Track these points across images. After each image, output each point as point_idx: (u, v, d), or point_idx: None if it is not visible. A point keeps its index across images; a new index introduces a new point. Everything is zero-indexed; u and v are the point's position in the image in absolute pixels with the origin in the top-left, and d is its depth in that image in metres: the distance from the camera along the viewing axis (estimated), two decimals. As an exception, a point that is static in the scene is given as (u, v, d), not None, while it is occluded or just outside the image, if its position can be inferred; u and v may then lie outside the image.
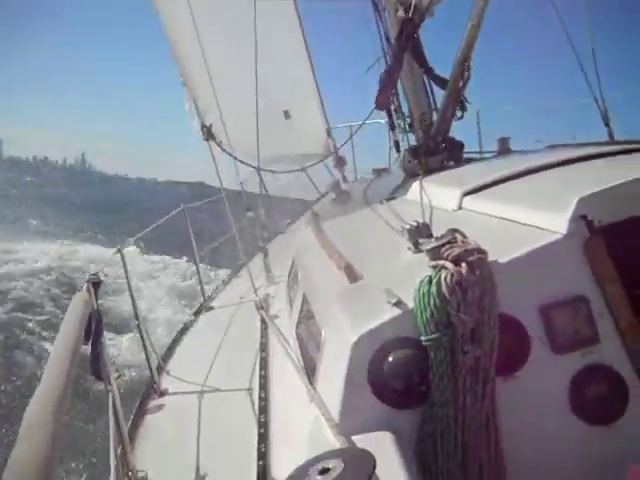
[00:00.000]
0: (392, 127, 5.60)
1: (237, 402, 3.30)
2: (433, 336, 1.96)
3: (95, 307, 2.63)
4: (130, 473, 2.75)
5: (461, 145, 5.10)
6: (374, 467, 1.35)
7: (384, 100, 4.62)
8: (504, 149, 6.23)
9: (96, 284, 2.74)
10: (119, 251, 4.05)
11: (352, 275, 2.64)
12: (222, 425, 3.17)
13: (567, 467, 2.09)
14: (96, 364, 2.42)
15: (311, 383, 2.40)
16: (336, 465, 1.37)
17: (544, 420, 2.10)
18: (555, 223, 2.24)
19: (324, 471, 1.37)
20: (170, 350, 4.87)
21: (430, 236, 2.45)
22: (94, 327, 2.50)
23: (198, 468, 2.87)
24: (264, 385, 3.22)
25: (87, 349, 2.36)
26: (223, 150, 6.42)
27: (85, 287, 2.69)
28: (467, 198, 3.14)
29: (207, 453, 2.97)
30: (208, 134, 6.43)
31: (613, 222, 2.22)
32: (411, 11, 4.36)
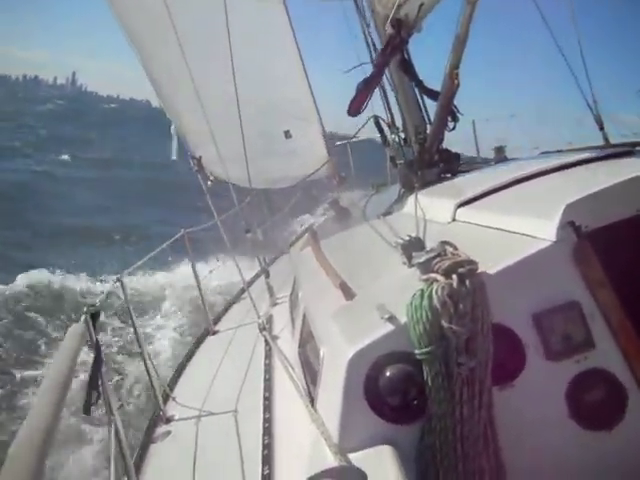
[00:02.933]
0: (385, 143, 5.61)
1: (242, 425, 3.31)
2: (427, 349, 1.96)
3: (94, 338, 2.64)
4: None
5: (457, 156, 5.12)
6: None
7: (357, 107, 4.64)
8: (500, 158, 6.25)
9: (94, 315, 2.74)
10: (119, 280, 4.07)
11: (348, 292, 2.65)
12: (227, 449, 3.17)
13: (568, 473, 2.09)
14: (90, 398, 2.40)
15: (312, 403, 2.41)
16: None
17: (543, 427, 2.10)
18: (544, 230, 2.26)
19: None
20: (176, 376, 4.87)
21: (423, 250, 2.46)
22: (93, 359, 2.51)
23: None
24: (268, 407, 3.22)
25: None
26: (212, 182, 6.41)
27: (83, 319, 2.69)
28: (460, 210, 3.16)
29: (213, 478, 2.97)
30: (198, 166, 6.43)
31: (600, 226, 2.23)
32: (387, 24, 4.39)
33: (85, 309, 2.77)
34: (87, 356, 2.67)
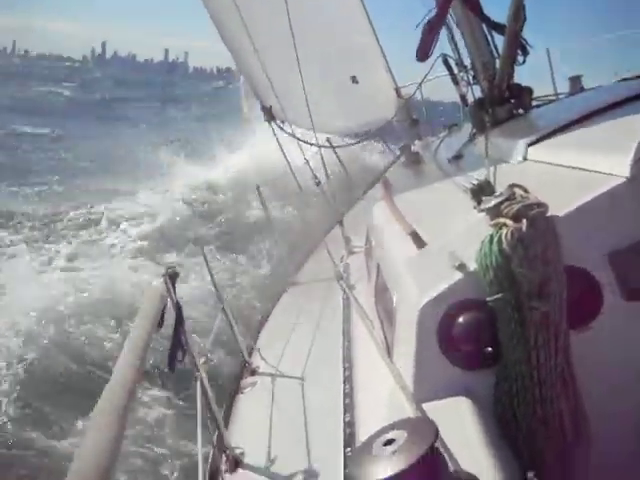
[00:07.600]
0: (455, 81, 5.45)
1: (323, 374, 3.38)
2: (498, 295, 1.94)
3: (174, 298, 2.74)
4: (227, 451, 2.87)
5: (529, 90, 4.93)
6: (436, 436, 1.37)
7: (425, 52, 4.55)
8: (576, 89, 5.97)
9: (173, 276, 2.83)
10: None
11: (419, 241, 2.64)
12: (310, 398, 3.25)
13: None
14: (174, 355, 2.52)
15: (388, 353, 2.44)
16: (400, 436, 1.40)
17: (623, 369, 2.05)
18: (617, 167, 2.16)
19: (388, 442, 1.40)
20: (259, 328, 5.00)
21: (493, 193, 2.41)
22: (175, 317, 2.62)
23: (290, 438, 2.96)
24: (348, 357, 3.27)
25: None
26: (283, 131, 6.40)
27: (162, 280, 2.79)
28: (532, 148, 3.06)
29: (298, 425, 3.06)
30: (269, 115, 6.43)
31: None
32: None
33: (164, 271, 2.87)
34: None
